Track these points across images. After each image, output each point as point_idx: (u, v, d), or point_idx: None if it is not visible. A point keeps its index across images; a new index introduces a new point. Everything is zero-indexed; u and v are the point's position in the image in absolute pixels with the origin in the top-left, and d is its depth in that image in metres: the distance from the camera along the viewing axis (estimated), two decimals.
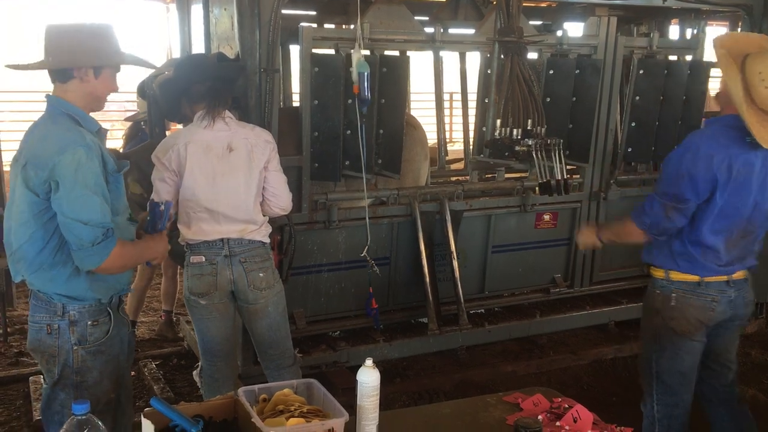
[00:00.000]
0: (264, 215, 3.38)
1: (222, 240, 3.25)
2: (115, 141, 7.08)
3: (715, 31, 7.40)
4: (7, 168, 3.00)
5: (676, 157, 2.85)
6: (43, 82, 2.59)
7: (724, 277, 2.92)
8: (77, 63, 2.41)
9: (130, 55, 2.55)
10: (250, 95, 3.69)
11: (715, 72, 4.59)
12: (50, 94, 2.49)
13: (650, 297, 3.04)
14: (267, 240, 3.38)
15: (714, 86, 4.10)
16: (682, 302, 2.92)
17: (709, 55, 5.46)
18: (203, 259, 3.25)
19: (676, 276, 2.93)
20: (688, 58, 5.11)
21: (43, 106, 2.49)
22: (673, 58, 5.11)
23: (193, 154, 3.18)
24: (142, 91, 4.16)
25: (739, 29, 5.75)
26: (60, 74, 2.44)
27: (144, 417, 1.89)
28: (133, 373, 4.55)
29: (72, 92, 2.45)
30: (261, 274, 3.31)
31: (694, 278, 2.90)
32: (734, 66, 2.72)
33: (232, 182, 3.23)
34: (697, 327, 2.94)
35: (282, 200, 3.40)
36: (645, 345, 3.11)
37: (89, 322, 2.48)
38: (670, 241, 2.92)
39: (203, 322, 3.35)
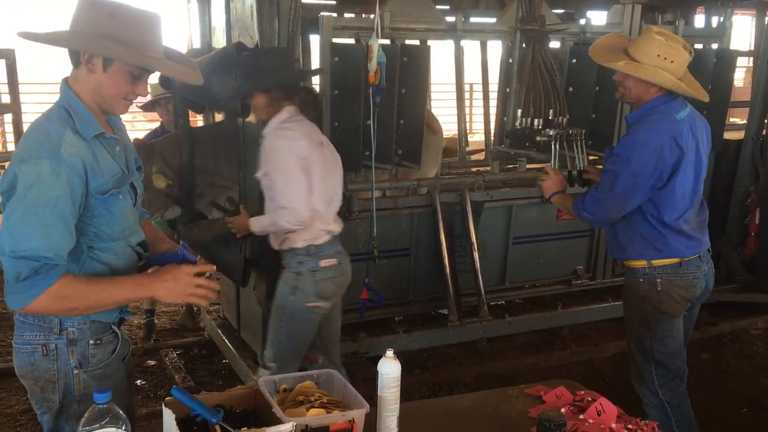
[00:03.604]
0: None
1: (336, 237, 3.24)
2: (137, 132, 7.12)
3: (740, 19, 7.28)
4: None
5: (624, 159, 2.88)
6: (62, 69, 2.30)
7: (697, 255, 3.03)
8: (80, 46, 1.95)
9: (159, 59, 2.03)
10: None
11: (741, 61, 4.51)
12: (65, 78, 2.06)
13: (633, 286, 3.08)
14: None
15: (739, 76, 4.03)
16: (667, 285, 2.99)
17: (736, 43, 5.38)
18: (335, 261, 3.20)
19: (658, 262, 3.00)
20: (714, 46, 5.02)
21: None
22: (698, 46, 5.03)
23: (313, 151, 3.09)
24: (166, 81, 4.15)
25: (766, 18, 5.65)
26: (71, 56, 2.01)
27: (165, 406, 1.89)
28: (154, 362, 4.61)
29: (79, 82, 2.02)
30: None
31: (675, 260, 2.99)
32: (639, 64, 2.83)
33: (333, 175, 3.24)
34: (683, 305, 3.05)
35: None
36: (635, 334, 3.14)
37: (91, 341, 2.09)
38: (640, 232, 2.98)
39: (310, 328, 3.24)
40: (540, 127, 3.91)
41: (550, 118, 3.92)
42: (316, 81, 4.71)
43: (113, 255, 2.10)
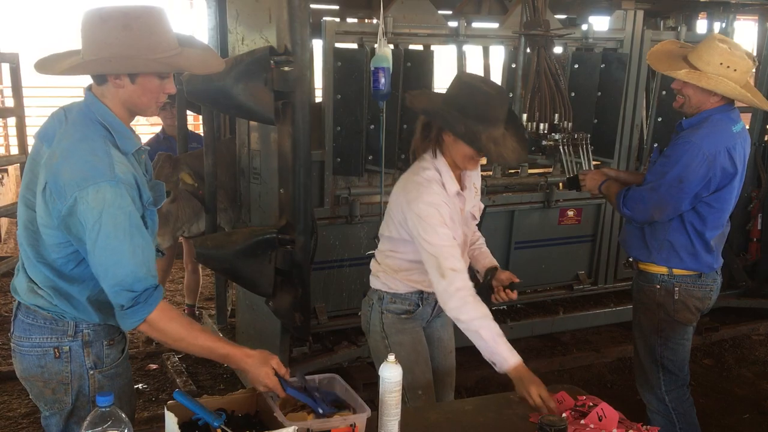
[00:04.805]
0: None
1: None
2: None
3: (743, 25, 7.28)
4: None
5: (674, 162, 2.83)
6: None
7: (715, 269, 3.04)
8: (107, 69, 1.96)
9: (180, 55, 2.02)
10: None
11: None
12: (90, 87, 2.06)
13: (649, 292, 3.05)
14: None
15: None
16: (684, 294, 2.98)
17: None
18: None
19: (680, 271, 2.98)
20: None
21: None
22: None
23: None
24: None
25: None
26: (95, 77, 2.03)
27: (167, 410, 1.90)
28: (156, 366, 4.61)
29: (108, 98, 2.02)
30: None
31: (696, 272, 2.98)
32: (702, 72, 2.77)
33: None
34: (696, 315, 3.05)
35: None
36: (646, 340, 3.12)
37: (105, 342, 2.15)
38: (671, 240, 2.95)
39: None
40: (546, 132, 3.91)
41: (555, 122, 3.92)
42: (318, 85, 4.72)
43: None
